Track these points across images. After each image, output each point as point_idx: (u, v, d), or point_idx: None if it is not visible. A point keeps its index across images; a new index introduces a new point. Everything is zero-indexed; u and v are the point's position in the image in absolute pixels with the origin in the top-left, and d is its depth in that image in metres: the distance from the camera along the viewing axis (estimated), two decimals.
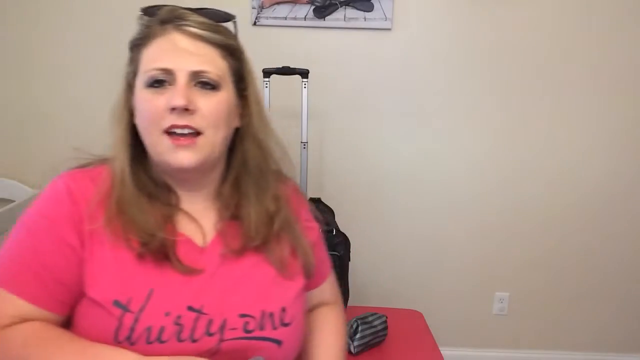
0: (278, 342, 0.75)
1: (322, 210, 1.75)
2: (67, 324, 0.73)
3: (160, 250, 0.71)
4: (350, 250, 1.57)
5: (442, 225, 2.17)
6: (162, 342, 0.67)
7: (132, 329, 0.67)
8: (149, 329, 0.67)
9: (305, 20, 1.97)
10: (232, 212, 0.80)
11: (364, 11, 1.96)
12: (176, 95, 0.69)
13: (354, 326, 1.48)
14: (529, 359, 2.27)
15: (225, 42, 0.75)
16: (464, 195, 2.14)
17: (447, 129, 2.09)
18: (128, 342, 0.67)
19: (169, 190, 0.78)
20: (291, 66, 1.68)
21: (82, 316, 0.71)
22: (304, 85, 1.70)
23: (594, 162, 2.11)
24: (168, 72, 0.70)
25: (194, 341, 0.69)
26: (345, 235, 1.54)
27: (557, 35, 2.01)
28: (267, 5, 1.94)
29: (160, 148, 0.71)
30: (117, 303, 0.68)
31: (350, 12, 1.97)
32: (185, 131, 0.70)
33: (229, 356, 0.72)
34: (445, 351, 1.55)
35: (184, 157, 0.71)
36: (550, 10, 1.99)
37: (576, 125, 2.08)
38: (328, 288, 0.96)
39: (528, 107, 2.07)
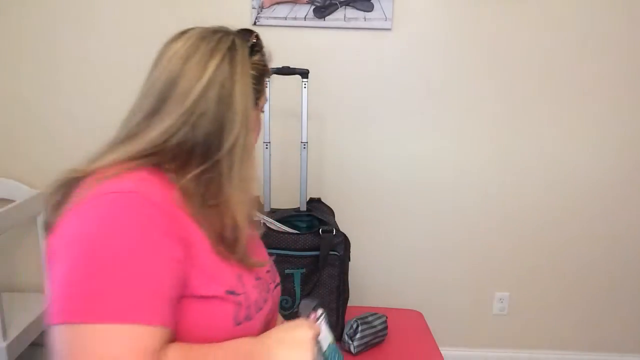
0: (281, 285, 1.00)
1: (322, 210, 1.75)
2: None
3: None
4: (350, 250, 1.57)
5: (442, 224, 2.17)
6: (261, 308, 0.84)
7: (248, 307, 0.80)
8: (256, 302, 0.82)
9: (305, 20, 1.97)
10: None
11: (364, 11, 1.97)
12: None
13: (354, 326, 1.48)
14: (528, 359, 2.28)
15: None
16: (464, 195, 2.14)
17: (447, 128, 2.09)
18: (247, 320, 0.79)
19: None
20: (291, 66, 1.68)
21: (192, 316, 0.72)
22: (304, 85, 1.70)
23: (595, 163, 2.11)
24: None
25: (266, 300, 0.87)
26: (345, 235, 1.54)
27: (558, 34, 2.01)
28: (267, 5, 1.94)
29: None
30: (229, 292, 0.77)
31: (350, 12, 1.97)
32: None
33: (274, 302, 0.93)
34: (445, 351, 1.56)
35: None
36: (550, 9, 1.99)
37: (578, 127, 2.08)
38: None
39: (530, 107, 2.07)
